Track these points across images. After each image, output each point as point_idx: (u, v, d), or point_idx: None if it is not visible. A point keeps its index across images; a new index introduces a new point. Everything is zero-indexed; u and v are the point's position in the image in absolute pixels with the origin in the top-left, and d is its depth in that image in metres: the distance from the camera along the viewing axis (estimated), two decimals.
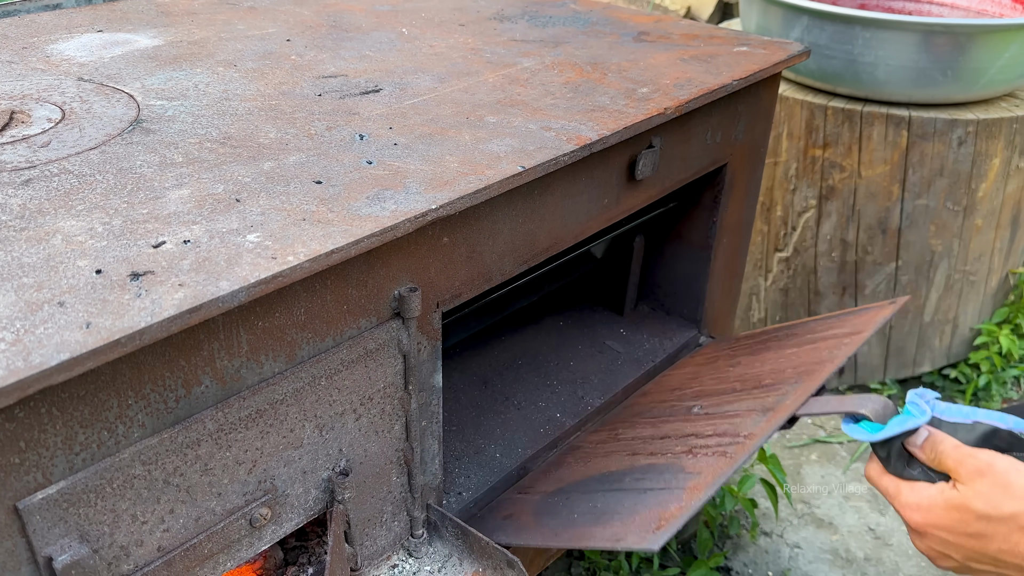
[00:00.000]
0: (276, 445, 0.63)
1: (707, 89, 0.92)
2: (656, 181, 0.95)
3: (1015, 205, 1.58)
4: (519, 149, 0.75)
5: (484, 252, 0.75)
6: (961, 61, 1.39)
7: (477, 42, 1.06)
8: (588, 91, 0.90)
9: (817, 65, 1.48)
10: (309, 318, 0.61)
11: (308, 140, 0.74)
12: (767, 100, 1.09)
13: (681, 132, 0.96)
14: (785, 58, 1.04)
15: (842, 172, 1.54)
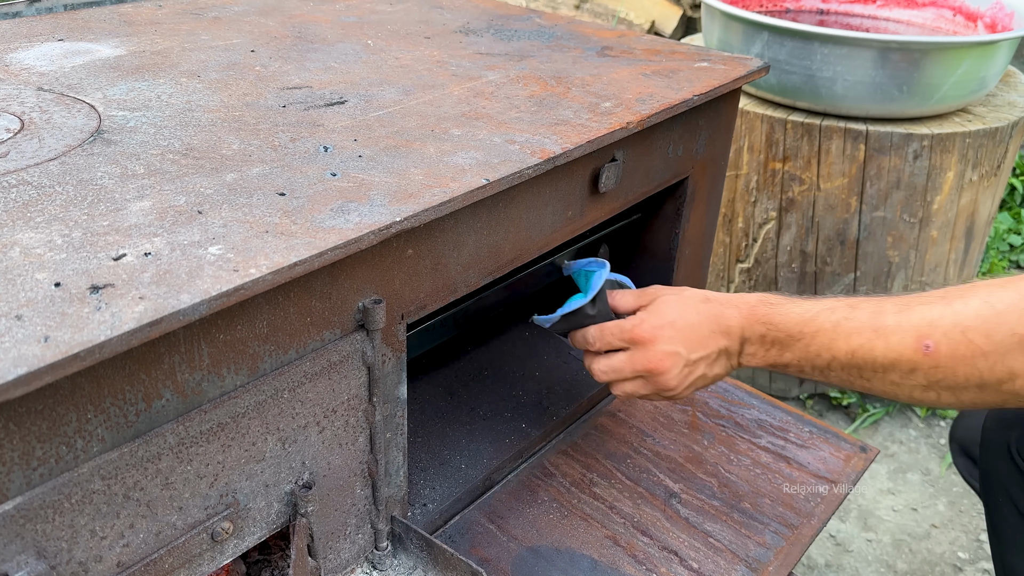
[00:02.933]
0: (238, 458, 0.63)
1: (668, 104, 0.93)
2: (619, 194, 0.96)
3: (968, 217, 1.62)
4: (484, 162, 0.75)
5: (449, 264, 0.76)
6: (916, 77, 1.43)
7: (443, 55, 1.06)
8: (552, 105, 0.91)
9: (777, 80, 1.51)
10: (272, 330, 0.61)
11: (272, 152, 0.74)
12: (727, 114, 1.11)
13: (644, 146, 0.97)
14: (745, 73, 1.05)
15: (801, 185, 1.57)
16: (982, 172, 1.56)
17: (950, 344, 0.67)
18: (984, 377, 0.67)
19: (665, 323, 0.81)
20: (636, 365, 0.83)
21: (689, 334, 0.81)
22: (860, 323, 0.72)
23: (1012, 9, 1.68)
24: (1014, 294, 0.65)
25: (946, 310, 0.68)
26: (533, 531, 0.90)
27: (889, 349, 0.70)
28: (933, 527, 1.57)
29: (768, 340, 0.78)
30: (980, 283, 0.69)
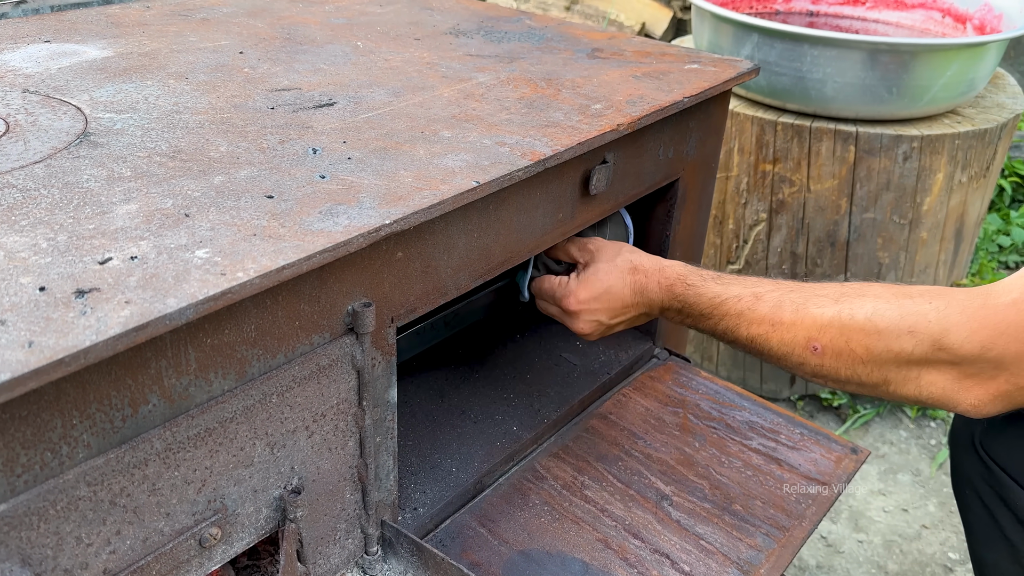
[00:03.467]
0: (226, 464, 0.62)
1: (659, 106, 0.93)
2: (610, 196, 0.96)
3: (958, 219, 1.63)
4: (474, 164, 0.75)
5: (439, 266, 0.75)
6: (906, 79, 1.43)
7: (433, 56, 1.06)
8: (543, 107, 0.90)
9: (767, 82, 1.51)
10: (260, 335, 0.61)
11: (260, 154, 0.74)
12: (718, 116, 1.11)
13: (634, 148, 0.97)
14: (735, 75, 1.05)
15: (792, 186, 1.57)
16: (971, 173, 1.57)
17: (835, 349, 0.77)
18: (862, 379, 0.77)
19: (591, 296, 0.93)
20: (563, 320, 0.97)
21: (612, 304, 0.93)
22: (760, 315, 0.82)
23: (1000, 11, 1.69)
24: (895, 313, 0.74)
25: (836, 316, 0.77)
26: (524, 535, 0.90)
27: (783, 343, 0.80)
28: (924, 528, 1.57)
29: (683, 313, 0.90)
30: (870, 290, 0.77)
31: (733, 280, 0.87)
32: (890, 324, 0.74)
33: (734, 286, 0.86)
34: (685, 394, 1.14)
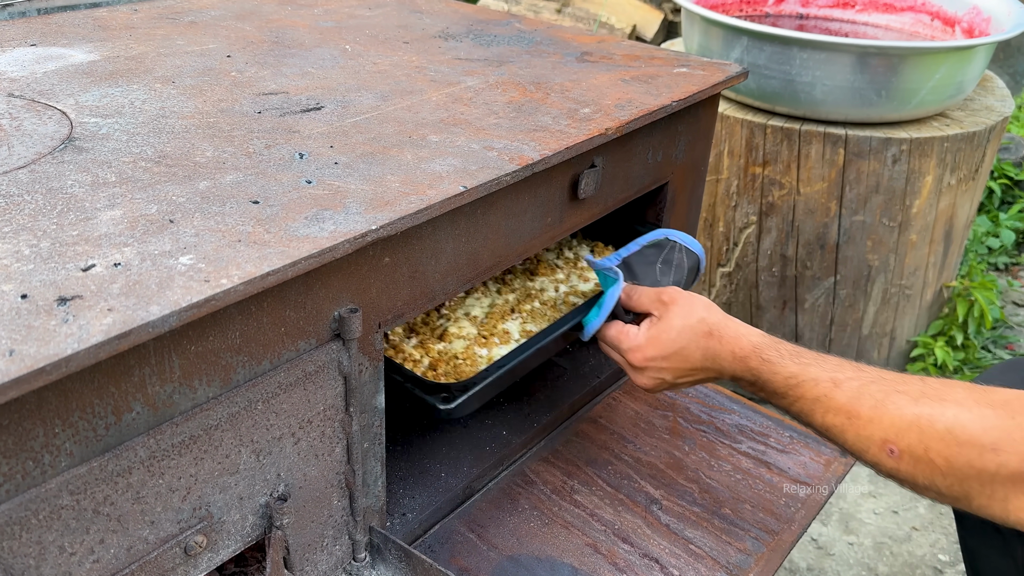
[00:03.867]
0: (211, 471, 0.62)
1: (647, 110, 0.93)
2: (599, 200, 0.96)
3: (947, 221, 1.63)
4: (461, 169, 0.75)
5: (427, 272, 0.75)
6: (894, 82, 1.43)
7: (421, 60, 1.06)
8: (531, 111, 0.90)
9: (756, 85, 1.51)
10: (245, 341, 0.60)
11: (246, 159, 0.73)
12: (706, 120, 1.11)
13: (623, 152, 0.97)
14: (723, 79, 1.05)
15: (781, 189, 1.57)
16: (960, 176, 1.57)
17: (913, 455, 0.72)
18: (942, 490, 0.71)
19: (660, 355, 0.87)
20: (624, 369, 0.92)
21: (681, 365, 0.87)
22: (837, 405, 0.77)
23: (989, 14, 1.69)
24: (978, 426, 0.69)
25: (915, 420, 0.71)
26: (513, 540, 0.89)
27: (859, 438, 0.75)
28: (914, 529, 1.58)
29: (756, 386, 0.84)
30: (951, 393, 0.72)
31: (812, 360, 0.81)
32: (972, 437, 0.68)
33: (812, 367, 0.80)
34: (675, 397, 1.14)
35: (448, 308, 0.98)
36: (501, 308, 0.99)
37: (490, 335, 0.94)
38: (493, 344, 0.93)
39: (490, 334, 0.94)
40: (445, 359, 0.90)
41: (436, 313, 0.99)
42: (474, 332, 0.94)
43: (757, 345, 0.84)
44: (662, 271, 1.01)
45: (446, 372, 0.88)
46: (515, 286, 1.03)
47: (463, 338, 0.93)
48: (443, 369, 0.88)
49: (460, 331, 0.94)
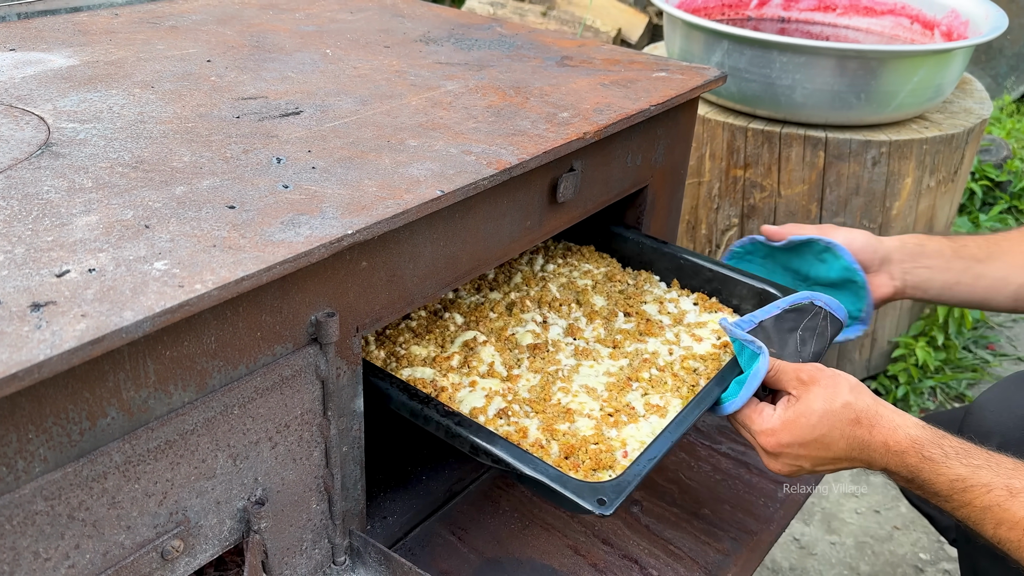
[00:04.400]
0: (187, 476, 0.62)
1: (626, 114, 0.93)
2: (578, 203, 0.97)
3: (927, 222, 1.65)
4: (439, 173, 0.75)
5: (405, 275, 0.75)
6: (873, 85, 1.45)
7: (402, 64, 1.06)
8: (510, 115, 0.91)
9: (737, 88, 1.52)
10: (220, 346, 0.61)
11: (223, 164, 0.74)
12: (686, 124, 1.12)
13: (602, 155, 0.97)
14: (702, 83, 1.06)
15: (762, 191, 1.58)
16: (939, 178, 1.59)
17: None
18: None
19: (796, 442, 0.79)
20: (756, 450, 0.84)
21: (821, 454, 0.79)
22: (1015, 518, 0.70)
23: (967, 17, 1.71)
24: None
25: None
26: (494, 542, 0.90)
27: None
28: (895, 529, 1.59)
29: (913, 484, 0.77)
30: None
31: (983, 462, 0.74)
32: None
33: (984, 471, 0.73)
34: None
35: (563, 379, 0.89)
36: (619, 378, 0.89)
37: (616, 411, 0.84)
38: (621, 422, 0.83)
39: (615, 410, 0.84)
40: (577, 444, 0.78)
41: (551, 379, 0.89)
42: (596, 407, 0.84)
43: (917, 440, 0.76)
44: (803, 340, 0.90)
45: (583, 461, 0.77)
46: (626, 349, 0.94)
47: (587, 416, 0.83)
48: (580, 458, 0.77)
49: (582, 408, 0.84)
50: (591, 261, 1.14)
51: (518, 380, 0.89)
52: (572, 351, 0.94)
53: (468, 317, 0.99)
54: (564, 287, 1.07)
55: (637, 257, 1.12)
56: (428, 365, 0.90)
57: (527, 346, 0.94)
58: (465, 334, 0.95)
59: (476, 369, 0.90)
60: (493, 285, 1.07)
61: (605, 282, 1.08)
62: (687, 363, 0.91)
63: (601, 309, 1.02)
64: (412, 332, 0.95)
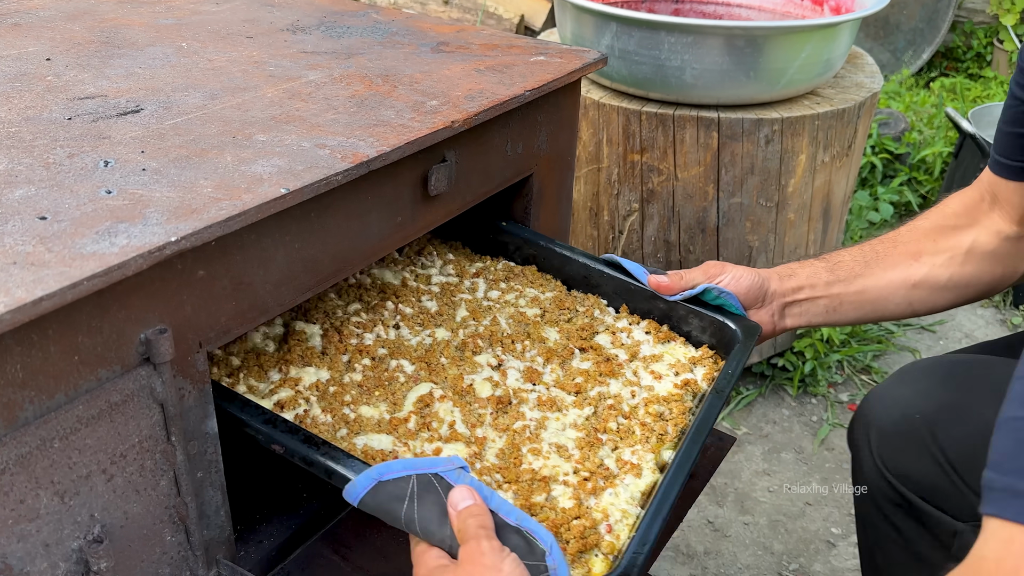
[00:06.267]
0: (4, 519, 0.55)
1: (498, 100, 0.89)
2: (455, 196, 0.92)
3: (824, 198, 1.66)
4: (287, 170, 0.70)
5: (254, 283, 0.70)
6: (762, 62, 1.44)
7: (263, 55, 0.99)
8: (374, 105, 0.85)
9: (629, 71, 1.50)
10: (29, 374, 0.54)
11: (43, 170, 0.67)
12: (568, 109, 1.08)
13: (478, 144, 0.93)
14: (580, 66, 1.03)
15: (660, 175, 1.56)
16: (833, 153, 1.60)
17: None
18: None
19: None
20: None
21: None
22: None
23: None
24: None
25: None
26: (380, 559, 0.85)
27: None
28: (807, 505, 1.60)
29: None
30: None
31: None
32: None
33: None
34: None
35: (531, 438, 0.82)
36: (587, 431, 0.84)
37: (591, 474, 0.78)
38: (599, 487, 0.76)
39: (591, 472, 0.78)
40: (559, 521, 0.72)
41: (518, 438, 0.82)
42: (570, 469, 0.78)
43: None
44: None
45: (567, 541, 0.70)
46: (589, 394, 0.88)
47: (563, 483, 0.77)
48: (564, 536, 0.71)
49: (556, 473, 0.78)
50: (535, 285, 1.06)
51: (484, 443, 0.81)
52: (535, 401, 0.87)
53: (418, 364, 0.89)
54: (513, 319, 0.99)
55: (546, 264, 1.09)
56: (384, 430, 0.80)
57: (487, 398, 0.86)
58: (419, 387, 0.86)
59: (437, 431, 0.81)
60: (438, 320, 0.97)
61: (554, 310, 1.01)
62: (651, 408, 0.87)
63: (555, 345, 0.95)
64: (358, 387, 0.85)
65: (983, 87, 3.67)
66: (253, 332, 0.89)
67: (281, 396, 0.82)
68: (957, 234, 1.00)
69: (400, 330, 0.95)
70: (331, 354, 0.89)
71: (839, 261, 1.03)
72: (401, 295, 1.00)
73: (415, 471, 0.68)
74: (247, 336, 0.88)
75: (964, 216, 1.00)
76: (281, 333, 0.91)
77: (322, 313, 0.94)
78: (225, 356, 0.86)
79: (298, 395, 0.82)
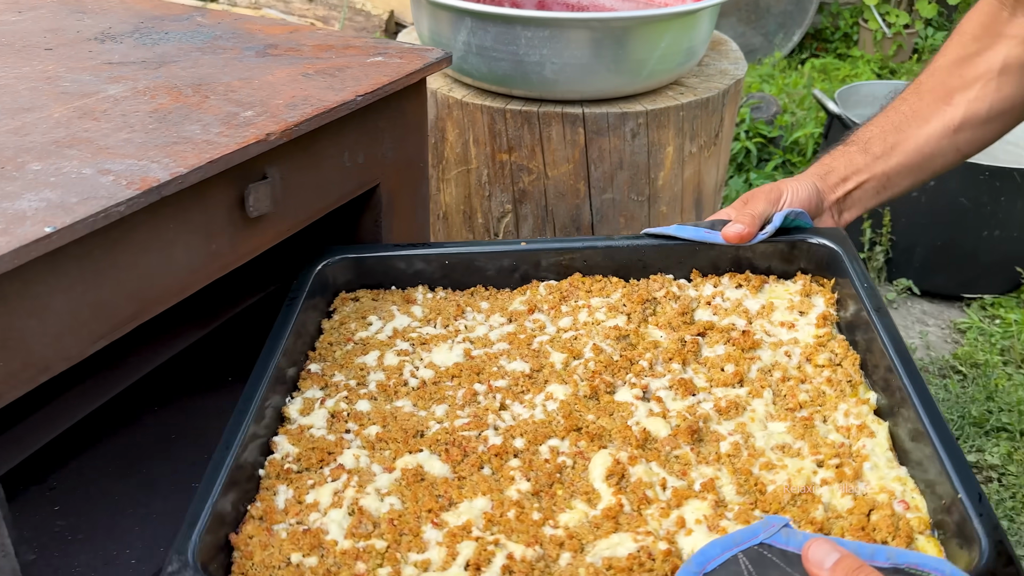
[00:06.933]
0: None
1: (324, 108, 0.81)
2: (283, 216, 0.83)
3: (695, 189, 1.64)
4: (58, 204, 0.60)
5: (27, 336, 0.60)
6: (621, 54, 1.40)
7: (59, 68, 0.88)
8: (178, 120, 0.76)
9: (488, 68, 1.43)
10: None
11: None
12: (414, 112, 1.01)
13: (306, 157, 0.85)
14: (422, 66, 0.96)
15: (530, 174, 1.51)
16: (701, 143, 1.58)
17: None
18: None
19: None
20: None
21: None
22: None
23: None
24: None
25: None
26: None
27: None
28: None
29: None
30: None
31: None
32: None
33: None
34: None
35: (750, 452, 0.70)
36: (786, 415, 0.74)
37: (838, 457, 0.68)
38: (855, 468, 0.67)
39: (836, 455, 0.68)
40: (856, 524, 0.62)
41: (735, 458, 0.70)
42: (812, 465, 0.68)
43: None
44: None
45: (887, 540, 0.61)
46: (750, 376, 0.78)
47: (823, 483, 0.67)
48: (881, 538, 0.61)
49: (804, 476, 0.67)
50: (595, 292, 0.91)
51: (714, 487, 0.67)
52: (715, 411, 0.74)
53: (567, 436, 0.72)
54: (610, 337, 0.84)
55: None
56: (605, 532, 0.63)
57: (673, 435, 0.71)
58: (593, 463, 0.69)
59: (661, 502, 0.66)
60: (539, 379, 0.79)
61: (635, 308, 0.87)
62: (816, 359, 0.79)
63: (672, 343, 0.82)
64: (532, 499, 0.67)
65: (851, 66, 3.79)
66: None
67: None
68: (983, 58, 0.92)
69: (511, 407, 0.77)
70: (465, 475, 0.69)
71: (869, 138, 0.96)
72: (480, 372, 0.82)
73: (736, 548, 0.58)
74: None
75: (984, 36, 0.92)
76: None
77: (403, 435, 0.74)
78: None
79: (485, 543, 0.62)
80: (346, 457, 0.71)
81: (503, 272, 0.94)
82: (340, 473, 0.69)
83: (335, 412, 0.77)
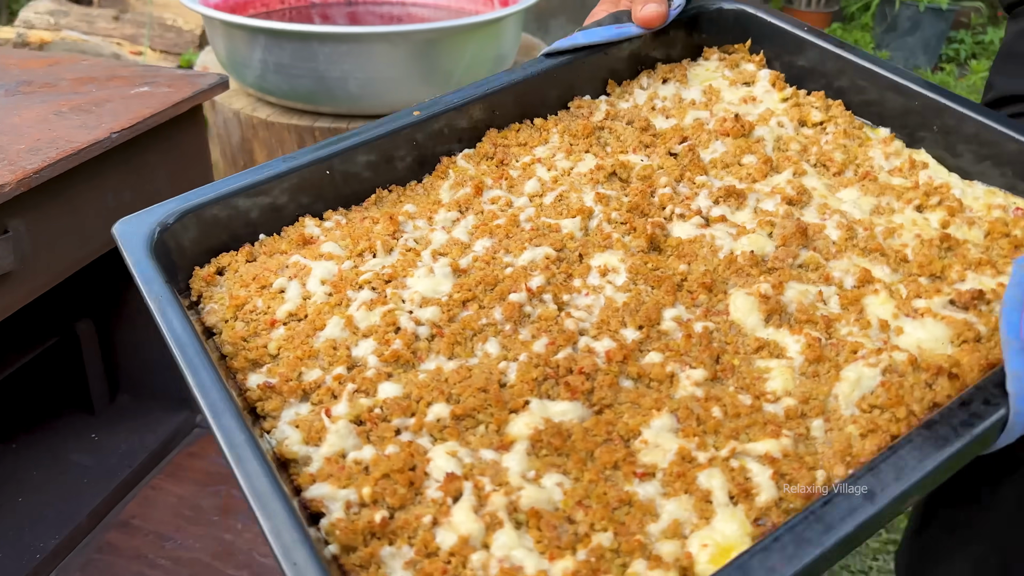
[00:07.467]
0: None
1: (71, 150, 0.75)
2: (36, 271, 0.76)
3: None
4: None
5: None
6: (427, 66, 1.38)
7: None
8: None
9: (290, 86, 1.38)
10: None
11: None
12: (191, 142, 0.95)
13: (58, 205, 0.78)
14: (192, 94, 0.90)
15: None
16: None
17: None
18: None
19: None
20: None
21: None
22: None
23: None
24: None
25: None
26: None
27: None
28: None
29: None
30: None
31: None
32: None
33: None
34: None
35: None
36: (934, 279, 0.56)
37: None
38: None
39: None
40: None
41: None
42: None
43: None
44: None
45: None
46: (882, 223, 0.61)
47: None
48: None
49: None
50: (530, 144, 0.70)
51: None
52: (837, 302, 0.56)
53: (707, 369, 0.52)
54: (613, 182, 0.66)
55: None
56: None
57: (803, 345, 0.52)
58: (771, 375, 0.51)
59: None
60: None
61: (586, 141, 0.69)
62: (811, 117, 0.69)
63: (669, 165, 0.67)
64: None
65: None
66: None
67: None
68: None
69: (573, 302, 0.56)
70: (610, 402, 0.49)
71: None
72: (496, 282, 0.57)
73: None
74: None
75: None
76: None
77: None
78: None
79: (722, 459, 0.46)
80: (436, 453, 0.46)
81: (395, 162, 0.67)
82: (457, 487, 0.44)
83: (359, 416, 0.49)
